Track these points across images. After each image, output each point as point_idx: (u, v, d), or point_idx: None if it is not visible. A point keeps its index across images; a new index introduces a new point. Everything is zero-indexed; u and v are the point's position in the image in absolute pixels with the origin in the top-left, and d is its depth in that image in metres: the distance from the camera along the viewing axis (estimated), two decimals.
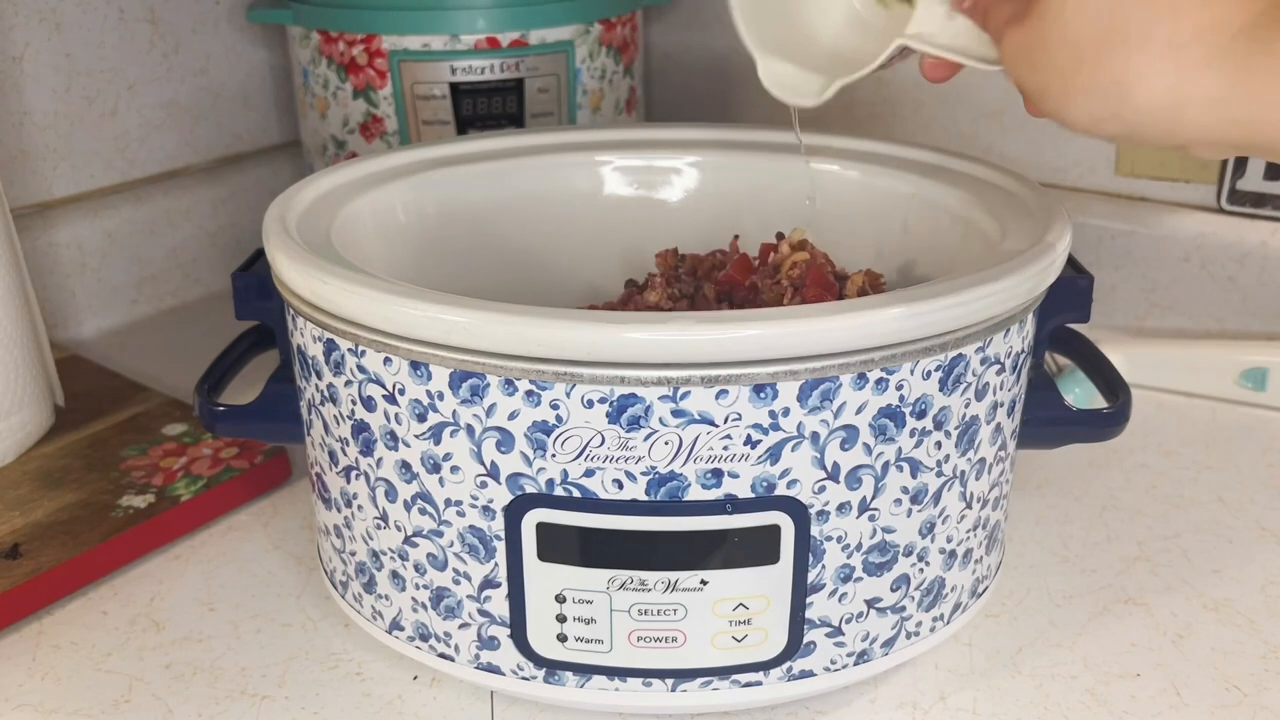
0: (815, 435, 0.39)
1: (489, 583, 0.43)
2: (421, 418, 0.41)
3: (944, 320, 0.39)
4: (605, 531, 0.40)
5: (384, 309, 0.40)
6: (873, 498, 0.41)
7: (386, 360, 0.41)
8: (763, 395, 0.38)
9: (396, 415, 0.41)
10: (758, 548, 0.41)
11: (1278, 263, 0.74)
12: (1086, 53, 0.33)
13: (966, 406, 0.42)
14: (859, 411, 0.40)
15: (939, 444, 0.42)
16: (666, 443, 0.39)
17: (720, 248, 0.60)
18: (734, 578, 0.41)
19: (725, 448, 0.39)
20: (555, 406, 0.39)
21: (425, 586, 0.44)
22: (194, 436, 0.64)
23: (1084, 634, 0.51)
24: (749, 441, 0.39)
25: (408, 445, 0.42)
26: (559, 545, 0.41)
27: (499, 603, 0.43)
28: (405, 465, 0.42)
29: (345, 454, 0.44)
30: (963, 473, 0.43)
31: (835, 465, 0.40)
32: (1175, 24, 0.32)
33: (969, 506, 0.45)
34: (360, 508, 0.45)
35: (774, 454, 0.39)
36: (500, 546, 0.42)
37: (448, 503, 0.42)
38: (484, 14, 0.74)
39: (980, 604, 0.48)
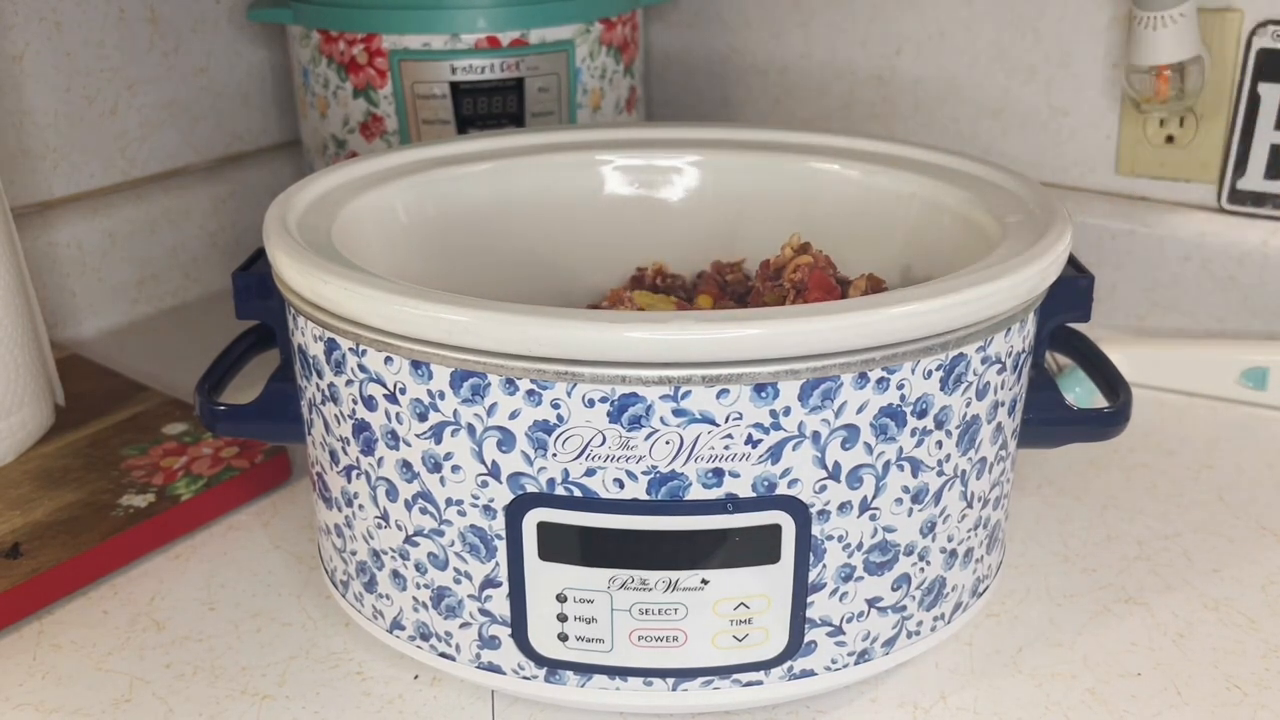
0: (816, 434, 0.39)
1: (490, 582, 0.43)
2: (422, 417, 0.41)
3: (945, 319, 0.39)
4: (606, 531, 0.40)
5: (385, 308, 0.40)
6: (874, 497, 0.41)
7: (387, 359, 0.41)
8: (764, 394, 0.38)
9: (397, 415, 0.41)
10: (759, 547, 0.41)
11: (1278, 262, 0.74)
12: None
13: (967, 406, 0.42)
14: (860, 411, 0.40)
15: (940, 443, 0.42)
16: (667, 442, 0.39)
17: (719, 255, 0.60)
18: (735, 577, 0.41)
19: (726, 447, 0.39)
20: (556, 406, 0.39)
21: (426, 586, 0.44)
22: (194, 436, 0.64)
23: (1084, 633, 0.51)
24: (750, 441, 0.39)
25: (408, 444, 0.42)
26: (560, 544, 0.41)
27: (500, 602, 0.43)
28: (406, 464, 0.42)
29: (346, 453, 0.44)
30: (963, 472, 0.43)
31: (836, 464, 0.40)
32: None
33: (970, 506, 0.45)
34: (361, 507, 0.45)
35: (775, 453, 0.39)
36: (501, 546, 0.42)
37: (448, 502, 0.42)
38: (484, 13, 0.74)
39: (981, 603, 0.48)
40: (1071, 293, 0.48)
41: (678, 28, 0.96)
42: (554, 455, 0.40)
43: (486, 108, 0.76)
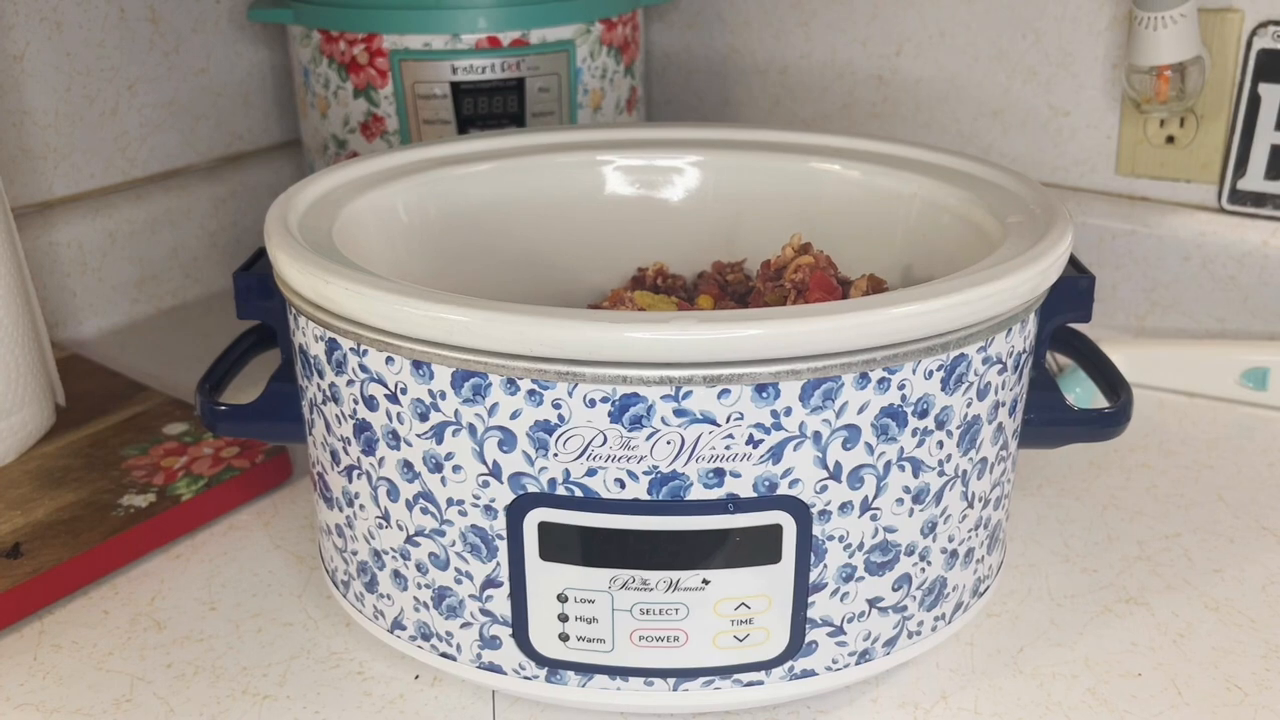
0: (817, 435, 0.39)
1: (491, 582, 0.43)
2: (423, 417, 0.41)
3: (946, 320, 0.39)
4: (607, 531, 0.40)
5: (386, 308, 0.40)
6: (874, 497, 0.41)
7: (388, 359, 0.41)
8: (765, 395, 0.38)
9: (398, 414, 0.41)
10: (759, 547, 0.41)
11: (1278, 262, 0.74)
12: None
13: (968, 406, 0.42)
14: (861, 411, 0.40)
15: (941, 443, 0.42)
16: (668, 442, 0.39)
17: (719, 255, 0.60)
18: (736, 577, 0.41)
19: (727, 447, 0.39)
20: (557, 406, 0.39)
21: (427, 586, 0.44)
22: (195, 436, 0.64)
23: (1085, 633, 0.51)
24: (751, 441, 0.39)
25: (409, 444, 0.42)
26: (561, 544, 0.41)
27: (501, 602, 0.43)
28: (407, 464, 0.42)
29: (347, 453, 0.44)
30: (964, 472, 0.43)
31: (837, 465, 0.40)
32: None
33: (970, 506, 0.45)
34: (362, 507, 0.45)
35: (776, 453, 0.39)
36: (502, 546, 0.42)
37: (449, 502, 0.42)
38: (485, 13, 0.74)
39: (982, 603, 0.48)
40: (1072, 293, 0.48)
41: (678, 28, 0.96)
42: (555, 455, 0.40)
43: (487, 108, 0.76)
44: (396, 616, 0.46)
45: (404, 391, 0.41)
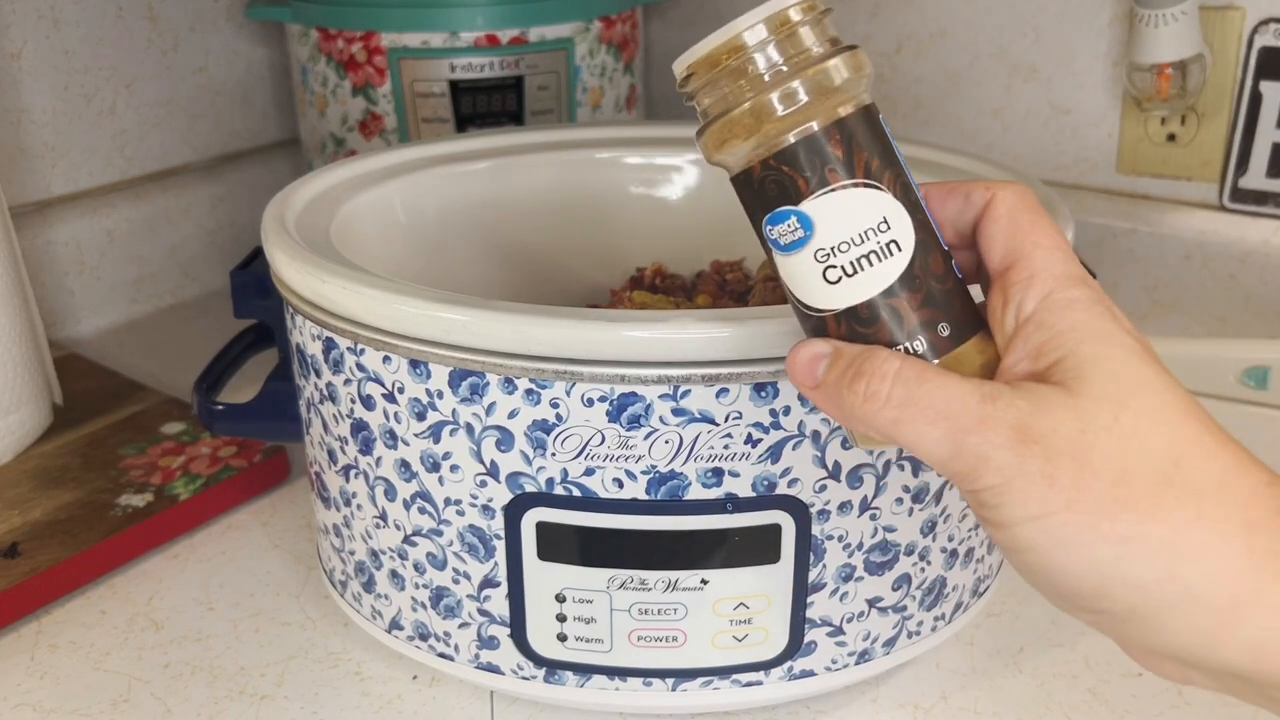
0: (816, 434, 0.39)
1: (488, 582, 0.43)
2: (421, 416, 0.41)
3: None
4: (605, 531, 0.40)
5: (383, 307, 0.39)
6: (874, 497, 0.41)
7: (386, 359, 0.41)
8: (763, 394, 0.38)
9: (395, 414, 0.41)
10: (758, 547, 0.41)
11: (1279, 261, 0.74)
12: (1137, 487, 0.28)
13: None
14: None
15: None
16: (667, 441, 0.39)
17: (718, 254, 0.60)
18: (734, 577, 0.41)
19: (726, 446, 0.39)
20: (555, 405, 0.39)
21: (425, 586, 0.44)
22: (192, 435, 0.64)
23: (1085, 633, 0.51)
24: (750, 440, 0.39)
25: (407, 444, 0.42)
26: (559, 544, 0.41)
27: (499, 602, 0.43)
28: (404, 464, 0.42)
29: (344, 453, 0.44)
30: None
31: (836, 464, 0.40)
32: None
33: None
34: (359, 507, 0.45)
35: (775, 453, 0.39)
36: (500, 546, 0.42)
37: (447, 502, 0.42)
38: (483, 11, 0.74)
39: (982, 603, 0.48)
40: None
41: (678, 25, 0.95)
42: (553, 455, 0.39)
43: (486, 106, 0.76)
44: (394, 616, 0.46)
45: (401, 391, 0.41)
